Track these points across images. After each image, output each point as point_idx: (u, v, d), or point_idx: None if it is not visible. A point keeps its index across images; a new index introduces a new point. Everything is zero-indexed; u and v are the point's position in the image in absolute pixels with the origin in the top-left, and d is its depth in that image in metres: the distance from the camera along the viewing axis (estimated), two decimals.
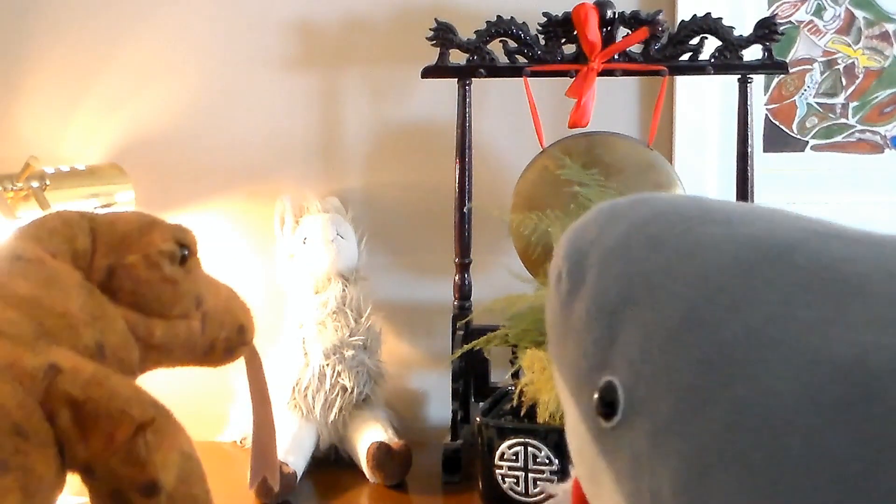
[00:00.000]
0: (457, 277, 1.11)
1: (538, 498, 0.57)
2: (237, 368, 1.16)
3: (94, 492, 0.60)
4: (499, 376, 1.12)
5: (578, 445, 0.45)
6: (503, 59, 1.07)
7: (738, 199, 1.07)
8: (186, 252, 0.68)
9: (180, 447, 0.61)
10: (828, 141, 1.17)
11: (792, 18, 1.15)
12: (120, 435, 0.58)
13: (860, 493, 0.30)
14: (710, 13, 1.04)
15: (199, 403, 1.22)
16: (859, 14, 1.15)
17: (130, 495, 0.58)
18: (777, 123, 1.18)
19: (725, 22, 1.04)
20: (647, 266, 0.41)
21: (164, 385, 1.26)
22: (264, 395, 0.81)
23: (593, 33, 1.03)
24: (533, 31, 1.06)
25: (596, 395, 0.42)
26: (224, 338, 0.73)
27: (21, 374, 0.56)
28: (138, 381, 0.68)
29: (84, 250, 0.65)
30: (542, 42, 1.07)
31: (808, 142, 1.17)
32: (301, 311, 1.10)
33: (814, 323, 0.34)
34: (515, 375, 1.00)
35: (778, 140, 1.17)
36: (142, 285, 0.65)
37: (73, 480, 0.64)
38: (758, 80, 1.13)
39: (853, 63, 1.16)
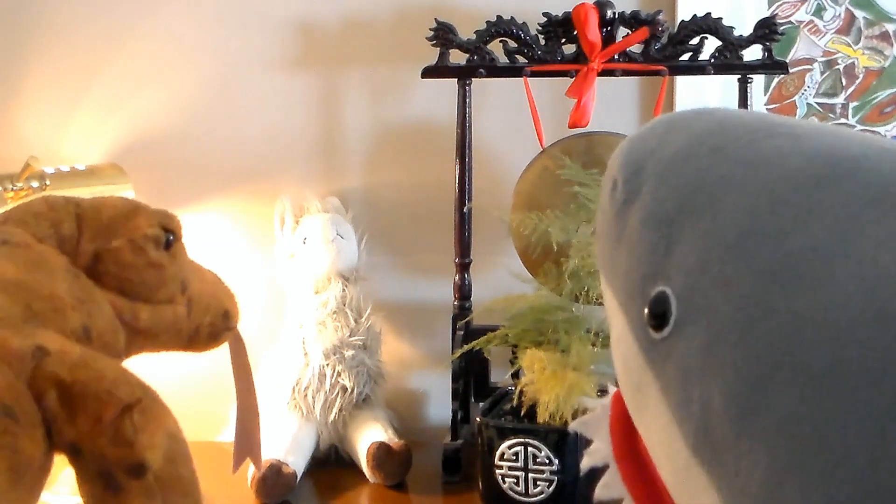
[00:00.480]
0: (457, 277, 1.11)
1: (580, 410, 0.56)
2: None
3: (81, 473, 0.60)
4: (499, 376, 1.12)
5: (624, 357, 0.45)
6: (503, 59, 1.07)
7: None
8: (172, 237, 0.68)
9: (167, 428, 0.62)
10: None
11: (792, 18, 1.15)
12: (107, 415, 0.58)
13: None
14: (710, 13, 1.04)
15: (199, 403, 1.22)
16: (859, 14, 1.15)
17: (118, 476, 0.58)
18: None
19: (725, 22, 1.04)
20: (709, 176, 0.41)
21: (164, 385, 1.26)
22: (248, 380, 0.81)
23: (593, 33, 1.03)
24: (533, 31, 1.06)
25: (648, 306, 0.41)
26: (209, 323, 0.73)
27: (8, 355, 0.56)
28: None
29: (70, 235, 0.65)
30: (542, 42, 1.07)
31: None
32: (301, 311, 1.10)
33: (883, 239, 0.33)
34: (515, 375, 1.00)
35: None
36: (128, 270, 0.65)
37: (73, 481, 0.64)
38: (758, 80, 1.13)
39: (853, 63, 1.16)
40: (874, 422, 0.30)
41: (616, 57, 1.05)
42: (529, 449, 0.92)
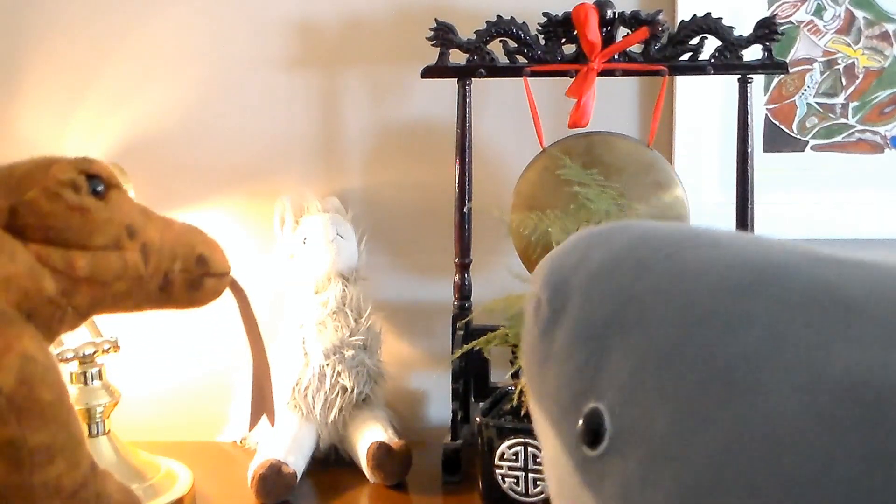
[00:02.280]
0: (457, 277, 1.11)
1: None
2: (236, 367, 1.16)
3: None
4: (499, 376, 1.12)
5: (559, 479, 0.44)
6: (503, 59, 1.07)
7: (737, 199, 1.07)
8: (101, 185, 0.67)
9: (21, 349, 0.60)
10: (828, 141, 1.17)
11: (792, 18, 1.15)
12: None
13: None
14: (710, 13, 1.04)
15: (199, 403, 1.22)
16: (859, 14, 1.15)
17: None
18: (777, 123, 1.18)
19: (725, 22, 1.04)
20: (636, 289, 0.41)
21: (164, 385, 1.27)
22: (256, 332, 0.79)
23: (593, 33, 1.03)
24: (533, 31, 1.06)
25: (580, 423, 0.40)
26: (180, 269, 0.71)
27: None
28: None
29: None
30: (542, 42, 1.07)
31: (808, 142, 1.17)
32: (301, 311, 1.10)
33: (814, 342, 0.33)
34: (515, 375, 1.00)
35: (778, 140, 1.17)
36: (47, 218, 0.64)
37: None
38: (758, 80, 1.13)
39: (853, 63, 1.16)
40: None
41: (616, 57, 1.05)
42: (529, 449, 0.92)
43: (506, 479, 0.93)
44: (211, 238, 0.75)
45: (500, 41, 1.07)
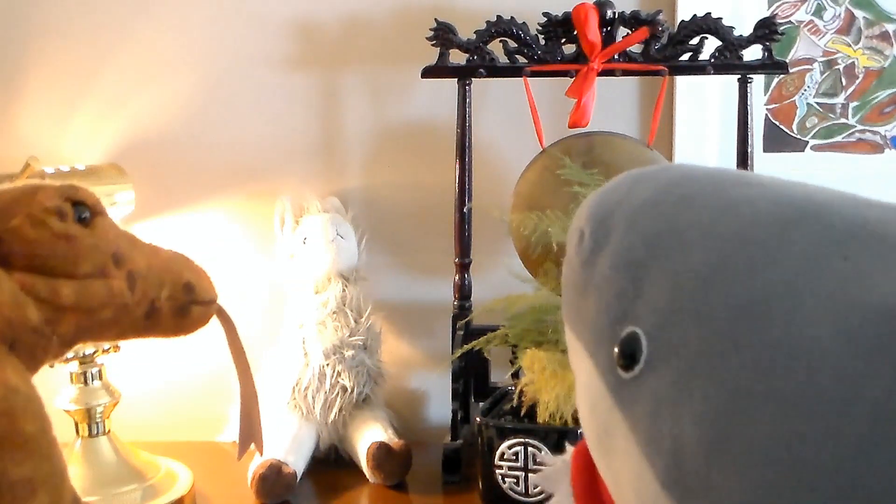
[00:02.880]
0: (457, 277, 1.11)
1: (536, 466, 0.59)
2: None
3: None
4: (499, 376, 1.12)
5: (592, 402, 0.46)
6: (503, 59, 1.07)
7: None
8: (87, 212, 0.66)
9: (2, 380, 0.59)
10: (828, 141, 1.17)
11: (792, 18, 1.15)
12: None
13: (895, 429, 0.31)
14: (710, 13, 1.04)
15: (199, 403, 1.22)
16: (859, 14, 1.15)
17: None
18: (777, 123, 1.18)
19: (725, 22, 1.04)
20: (678, 222, 0.43)
21: (164, 385, 1.27)
22: (244, 360, 0.79)
23: (593, 33, 1.03)
24: (533, 31, 1.06)
25: (617, 347, 0.43)
26: (168, 297, 0.70)
27: None
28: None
29: None
30: (542, 42, 1.07)
31: (808, 142, 1.17)
32: (301, 311, 1.10)
33: (851, 273, 0.35)
34: (515, 375, 1.00)
35: (778, 140, 1.17)
36: (32, 245, 0.63)
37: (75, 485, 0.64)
38: (758, 80, 1.13)
39: (853, 63, 1.16)
40: (849, 445, 0.31)
41: (616, 57, 1.05)
42: (529, 449, 0.92)
43: (506, 479, 0.93)
44: (197, 265, 0.75)
45: (500, 41, 1.07)
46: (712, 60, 1.05)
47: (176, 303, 0.71)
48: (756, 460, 0.34)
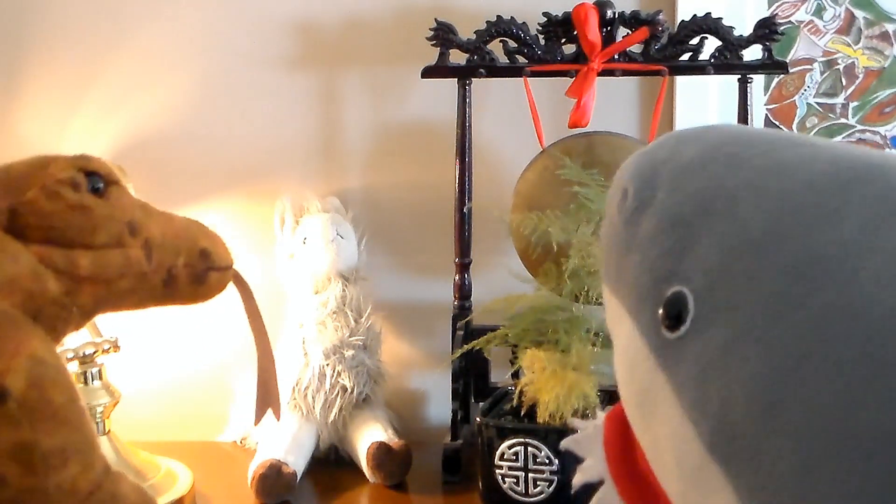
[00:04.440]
0: (457, 277, 1.11)
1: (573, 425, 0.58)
2: (236, 367, 1.16)
3: None
4: (499, 376, 1.12)
5: (631, 363, 0.45)
6: (503, 59, 1.07)
7: None
8: (101, 182, 0.66)
9: (30, 352, 0.59)
10: None
11: (792, 18, 1.15)
12: None
13: None
14: (710, 13, 1.04)
15: (199, 403, 1.22)
16: (859, 14, 1.15)
17: None
18: (777, 123, 1.18)
19: (725, 22, 1.04)
20: (729, 182, 0.42)
21: (164, 385, 1.27)
22: (261, 326, 0.79)
23: (593, 33, 1.03)
24: (533, 31, 1.06)
25: (662, 307, 0.42)
26: (184, 264, 0.71)
27: None
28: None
29: None
30: (542, 42, 1.07)
31: None
32: (301, 311, 1.10)
33: None
34: (515, 375, 1.00)
35: None
36: (48, 218, 0.63)
37: None
38: (758, 80, 1.13)
39: (853, 63, 1.16)
40: None
41: (616, 57, 1.05)
42: (529, 449, 0.92)
43: (506, 479, 0.93)
44: (213, 231, 0.76)
45: (500, 41, 1.07)
46: (712, 60, 1.04)
47: (193, 270, 0.72)
48: (811, 425, 0.33)
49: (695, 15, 1.05)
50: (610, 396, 0.94)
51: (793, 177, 0.39)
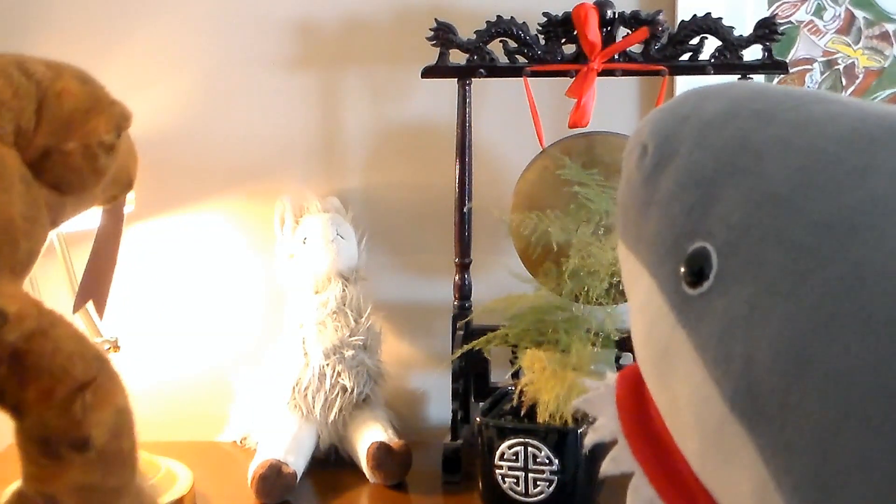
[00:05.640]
0: (457, 277, 1.11)
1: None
2: (236, 368, 1.17)
3: (22, 432, 0.59)
4: (499, 376, 1.12)
5: (650, 322, 0.44)
6: (503, 59, 1.07)
7: None
8: (119, 136, 0.67)
9: (116, 404, 0.61)
10: None
11: (792, 18, 1.15)
12: (59, 393, 0.57)
13: None
14: (710, 13, 1.04)
15: (199, 403, 1.22)
16: (859, 14, 1.15)
17: (59, 447, 0.58)
18: None
19: (725, 22, 1.04)
20: (754, 137, 0.41)
21: (164, 385, 1.27)
22: (117, 233, 0.79)
23: (593, 33, 1.03)
24: (533, 31, 1.06)
25: (683, 263, 0.41)
26: (111, 196, 0.73)
27: None
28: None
29: (27, 129, 0.63)
30: (542, 42, 1.07)
31: None
32: (301, 311, 1.10)
33: None
34: (515, 375, 1.00)
35: None
36: (73, 172, 0.64)
37: None
38: (758, 80, 1.13)
39: (853, 63, 1.16)
40: None
41: (616, 57, 1.05)
42: (529, 449, 0.92)
43: (506, 479, 0.93)
44: (135, 152, 0.76)
45: (500, 41, 1.07)
46: (712, 60, 1.04)
47: (115, 197, 0.75)
48: (839, 383, 0.32)
49: (695, 15, 1.05)
50: None
51: (821, 132, 0.39)
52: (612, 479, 0.51)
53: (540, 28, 1.06)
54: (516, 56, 1.07)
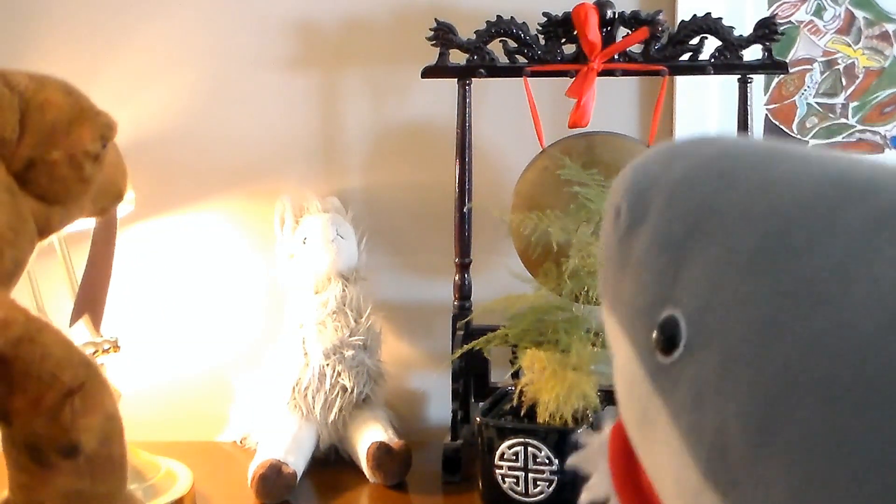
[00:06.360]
0: (457, 277, 1.11)
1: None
2: (237, 368, 1.17)
3: (9, 438, 0.59)
4: (499, 376, 1.12)
5: (630, 385, 0.44)
6: (503, 59, 1.07)
7: None
8: (104, 146, 0.67)
9: (105, 410, 0.61)
10: (828, 141, 1.17)
11: (792, 18, 1.15)
12: (48, 399, 0.57)
13: None
14: (710, 13, 1.04)
15: (199, 403, 1.22)
16: (859, 14, 1.15)
17: (48, 453, 0.58)
18: (777, 123, 1.18)
19: (725, 22, 1.04)
20: (719, 200, 0.41)
21: (164, 385, 1.27)
22: (111, 246, 0.79)
23: (593, 33, 1.03)
24: (533, 31, 1.06)
25: (656, 330, 0.41)
26: (101, 209, 0.73)
27: None
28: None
29: (10, 140, 0.63)
30: (542, 42, 1.07)
31: (808, 142, 1.17)
32: (301, 311, 1.10)
33: None
34: (515, 375, 1.00)
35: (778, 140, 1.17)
36: (58, 182, 0.64)
37: None
38: (758, 80, 1.13)
39: (853, 63, 1.16)
40: None
41: (616, 57, 1.05)
42: (529, 449, 0.92)
43: (506, 479, 0.93)
44: (125, 166, 0.76)
45: (500, 41, 1.07)
46: (712, 60, 1.04)
47: (104, 210, 0.74)
48: (804, 452, 0.32)
49: (695, 15, 1.05)
50: (610, 396, 0.94)
51: (780, 197, 0.39)
52: None
53: (540, 28, 1.06)
54: (516, 56, 1.07)
